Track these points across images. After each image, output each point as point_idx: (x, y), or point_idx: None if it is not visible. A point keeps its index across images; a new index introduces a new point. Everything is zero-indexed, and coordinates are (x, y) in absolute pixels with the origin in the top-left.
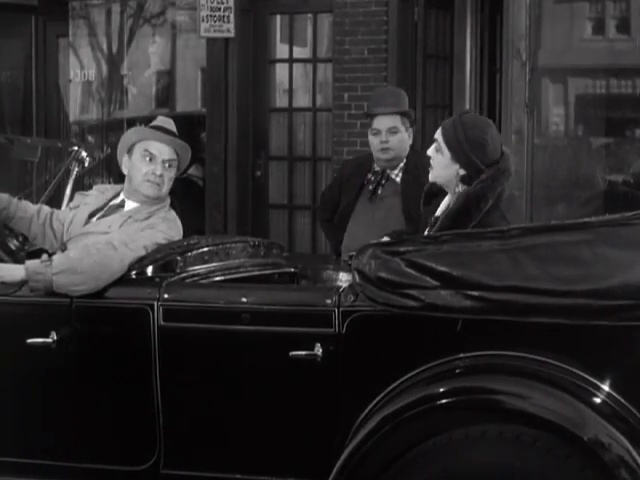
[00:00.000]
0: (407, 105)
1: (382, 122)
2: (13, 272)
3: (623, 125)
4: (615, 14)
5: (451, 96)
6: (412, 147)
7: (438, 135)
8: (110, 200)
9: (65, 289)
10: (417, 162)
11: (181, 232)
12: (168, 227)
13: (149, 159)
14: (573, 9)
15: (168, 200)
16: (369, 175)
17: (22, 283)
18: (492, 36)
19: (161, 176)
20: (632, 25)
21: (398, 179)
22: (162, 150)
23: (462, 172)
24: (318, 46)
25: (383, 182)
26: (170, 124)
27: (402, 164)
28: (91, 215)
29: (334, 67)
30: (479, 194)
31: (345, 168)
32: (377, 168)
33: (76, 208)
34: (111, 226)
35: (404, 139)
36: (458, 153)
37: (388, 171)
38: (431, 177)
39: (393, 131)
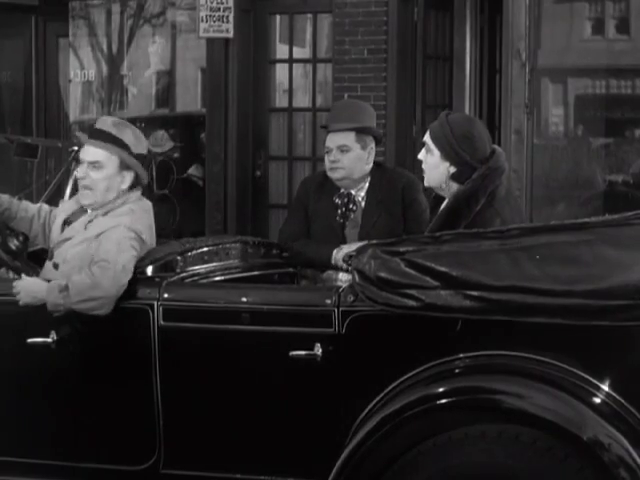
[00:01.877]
0: (369, 121)
1: (333, 139)
2: (35, 293)
3: (623, 125)
4: (615, 14)
5: (451, 96)
6: (380, 163)
7: (426, 137)
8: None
9: (88, 313)
10: (385, 177)
11: (151, 221)
12: (132, 220)
13: (79, 165)
14: (573, 9)
15: (133, 193)
16: (335, 199)
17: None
18: (492, 36)
19: (83, 178)
20: (632, 25)
21: (360, 198)
22: (86, 152)
23: (452, 169)
24: (318, 46)
25: (351, 206)
26: (103, 123)
27: (365, 183)
28: (66, 222)
29: (334, 67)
30: (469, 193)
31: (306, 189)
32: (342, 189)
33: (58, 215)
34: (78, 230)
35: (359, 158)
36: (446, 149)
37: (353, 193)
38: (425, 182)
39: (344, 149)
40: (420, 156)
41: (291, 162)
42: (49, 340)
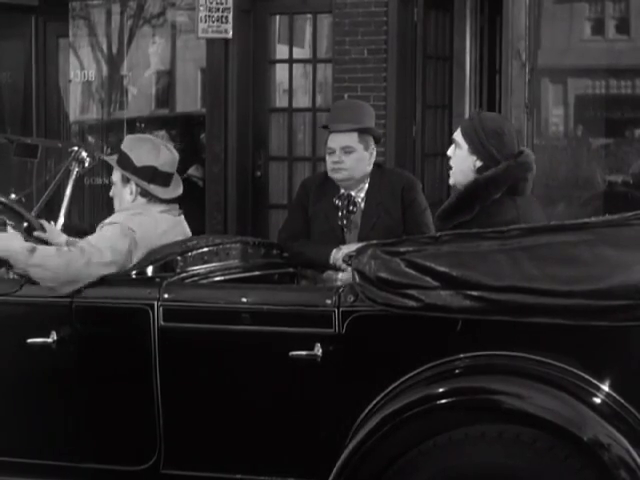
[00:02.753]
0: (370, 121)
1: (336, 140)
2: (7, 246)
3: (623, 125)
4: (614, 14)
5: (451, 96)
6: (379, 164)
7: (456, 133)
8: None
9: (38, 281)
10: (384, 178)
11: (145, 227)
12: (125, 218)
13: None
14: (572, 10)
15: (136, 202)
16: (335, 200)
17: (22, 282)
18: (492, 36)
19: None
20: (631, 25)
21: (360, 199)
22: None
23: (479, 164)
24: (318, 46)
25: (351, 208)
26: (124, 141)
27: (365, 184)
28: None
29: (334, 67)
30: (489, 177)
31: (306, 190)
32: (342, 191)
33: None
34: None
35: (362, 158)
36: (475, 143)
37: (353, 194)
38: (450, 179)
39: (348, 150)
40: (449, 152)
41: (291, 162)
42: (49, 340)
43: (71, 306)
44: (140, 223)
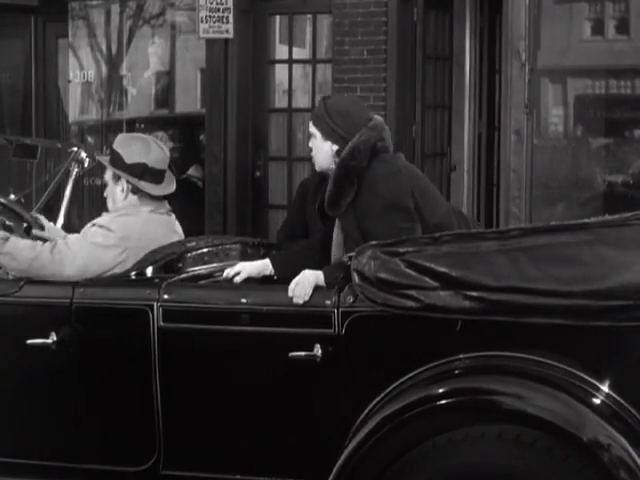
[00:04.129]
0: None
1: None
2: None
3: (622, 126)
4: (614, 15)
5: (450, 96)
6: None
7: (310, 125)
8: None
9: (5, 269)
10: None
11: (129, 230)
12: (110, 220)
13: None
14: (572, 10)
15: (128, 199)
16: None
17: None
18: (491, 36)
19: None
20: (631, 25)
21: None
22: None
23: (335, 147)
24: (317, 47)
25: None
26: (116, 140)
27: None
28: None
29: (333, 68)
30: (351, 151)
31: (305, 190)
32: None
33: None
34: None
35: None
36: (325, 128)
37: None
38: (316, 167)
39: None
40: (309, 144)
41: (291, 162)
42: (49, 341)
43: (71, 307)
44: (124, 223)
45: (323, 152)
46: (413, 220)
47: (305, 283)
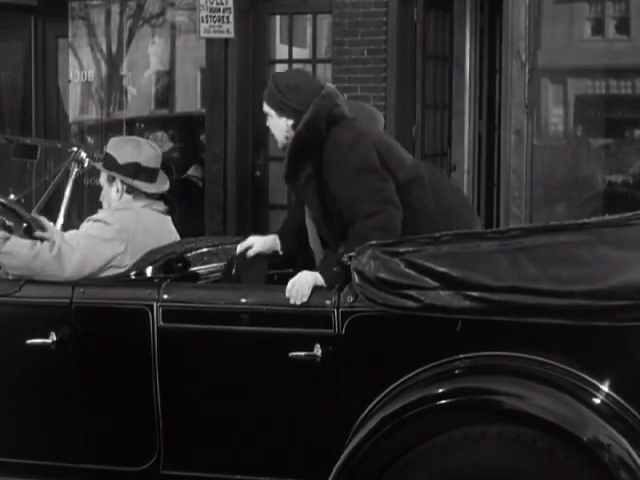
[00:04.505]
0: (374, 126)
1: None
2: None
3: (622, 126)
4: (614, 14)
5: (450, 96)
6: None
7: (264, 105)
8: None
9: (5, 269)
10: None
11: (125, 222)
12: (106, 215)
13: None
14: (572, 10)
15: (123, 198)
16: None
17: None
18: (491, 37)
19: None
20: (631, 25)
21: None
22: None
23: (290, 122)
24: (318, 46)
25: None
26: (108, 144)
27: None
28: None
29: (333, 67)
30: (306, 123)
31: None
32: None
33: None
34: None
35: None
36: (277, 105)
37: None
38: (279, 145)
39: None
40: (267, 124)
41: None
42: (49, 341)
43: (70, 307)
44: (121, 217)
45: (280, 129)
46: (385, 180)
47: (303, 283)
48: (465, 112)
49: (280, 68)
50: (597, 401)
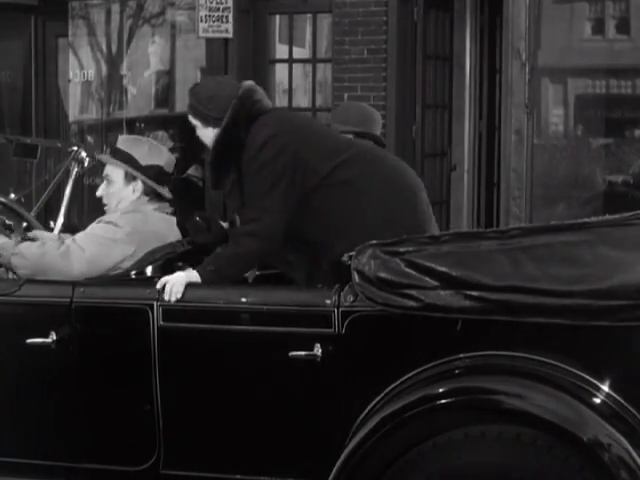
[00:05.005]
0: (371, 126)
1: None
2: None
3: (623, 125)
4: (615, 14)
5: (451, 96)
6: None
7: (189, 117)
8: None
9: (16, 270)
10: None
11: (136, 225)
12: (117, 217)
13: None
14: (573, 9)
15: (139, 200)
16: None
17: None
18: (492, 36)
19: (101, 197)
20: (632, 25)
21: None
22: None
23: (216, 130)
24: (318, 46)
25: None
26: (118, 140)
27: None
28: None
29: (333, 67)
30: (224, 128)
31: None
32: None
33: None
34: None
35: None
36: (201, 116)
37: None
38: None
39: None
40: (197, 134)
41: None
42: (49, 340)
43: (70, 306)
44: (132, 219)
45: (208, 138)
46: (282, 184)
47: (176, 282)
48: (465, 112)
49: (280, 68)
50: (597, 401)
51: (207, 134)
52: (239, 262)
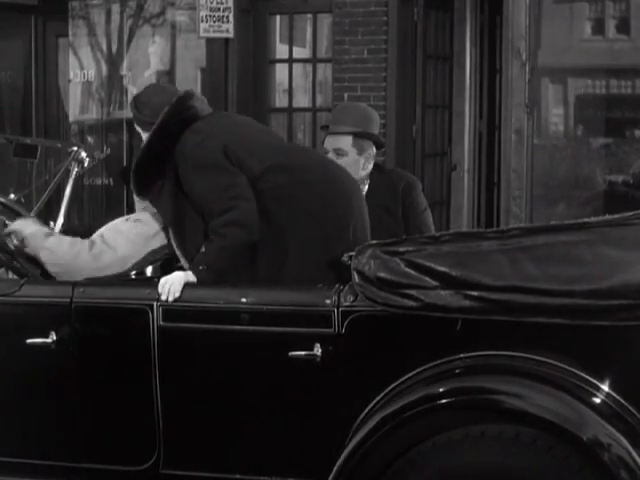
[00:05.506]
0: (370, 126)
1: (330, 142)
2: (26, 223)
3: (623, 125)
4: (615, 14)
5: (451, 96)
6: (379, 164)
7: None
8: None
9: (44, 265)
10: (384, 179)
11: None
12: (147, 216)
13: None
14: (573, 9)
15: None
16: None
17: (22, 282)
18: (492, 36)
19: None
20: (632, 25)
21: None
22: None
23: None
24: (318, 46)
25: None
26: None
27: (365, 186)
28: None
29: (334, 67)
30: (151, 134)
31: None
32: None
33: None
34: None
35: (354, 162)
36: (139, 123)
37: None
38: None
39: (339, 153)
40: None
41: None
42: (49, 340)
43: (70, 306)
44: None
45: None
46: (234, 175)
47: (175, 281)
48: (465, 112)
49: (280, 68)
50: (597, 400)
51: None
52: (228, 254)
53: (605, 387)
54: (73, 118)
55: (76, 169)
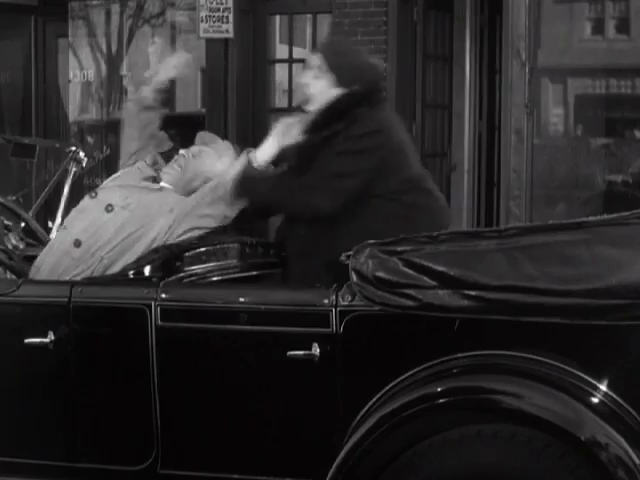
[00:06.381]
0: None
1: None
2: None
3: (623, 125)
4: (615, 14)
5: (450, 96)
6: None
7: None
8: None
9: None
10: None
11: None
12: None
13: None
14: (573, 9)
15: None
16: None
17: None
18: (492, 36)
19: None
20: (631, 25)
21: None
22: None
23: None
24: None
25: None
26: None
27: None
28: None
29: None
30: (350, 94)
31: None
32: None
33: None
34: None
35: None
36: (337, 74)
37: None
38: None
39: None
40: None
41: None
42: (46, 340)
43: (68, 306)
44: None
45: (318, 92)
46: (361, 182)
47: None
48: (465, 112)
49: (280, 68)
50: (595, 400)
51: (322, 88)
52: (270, 198)
53: (603, 386)
54: (73, 118)
55: (75, 169)
